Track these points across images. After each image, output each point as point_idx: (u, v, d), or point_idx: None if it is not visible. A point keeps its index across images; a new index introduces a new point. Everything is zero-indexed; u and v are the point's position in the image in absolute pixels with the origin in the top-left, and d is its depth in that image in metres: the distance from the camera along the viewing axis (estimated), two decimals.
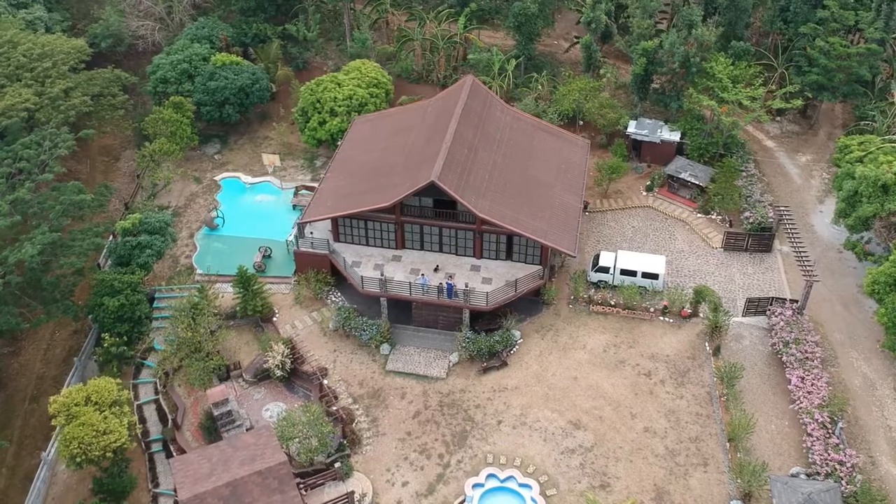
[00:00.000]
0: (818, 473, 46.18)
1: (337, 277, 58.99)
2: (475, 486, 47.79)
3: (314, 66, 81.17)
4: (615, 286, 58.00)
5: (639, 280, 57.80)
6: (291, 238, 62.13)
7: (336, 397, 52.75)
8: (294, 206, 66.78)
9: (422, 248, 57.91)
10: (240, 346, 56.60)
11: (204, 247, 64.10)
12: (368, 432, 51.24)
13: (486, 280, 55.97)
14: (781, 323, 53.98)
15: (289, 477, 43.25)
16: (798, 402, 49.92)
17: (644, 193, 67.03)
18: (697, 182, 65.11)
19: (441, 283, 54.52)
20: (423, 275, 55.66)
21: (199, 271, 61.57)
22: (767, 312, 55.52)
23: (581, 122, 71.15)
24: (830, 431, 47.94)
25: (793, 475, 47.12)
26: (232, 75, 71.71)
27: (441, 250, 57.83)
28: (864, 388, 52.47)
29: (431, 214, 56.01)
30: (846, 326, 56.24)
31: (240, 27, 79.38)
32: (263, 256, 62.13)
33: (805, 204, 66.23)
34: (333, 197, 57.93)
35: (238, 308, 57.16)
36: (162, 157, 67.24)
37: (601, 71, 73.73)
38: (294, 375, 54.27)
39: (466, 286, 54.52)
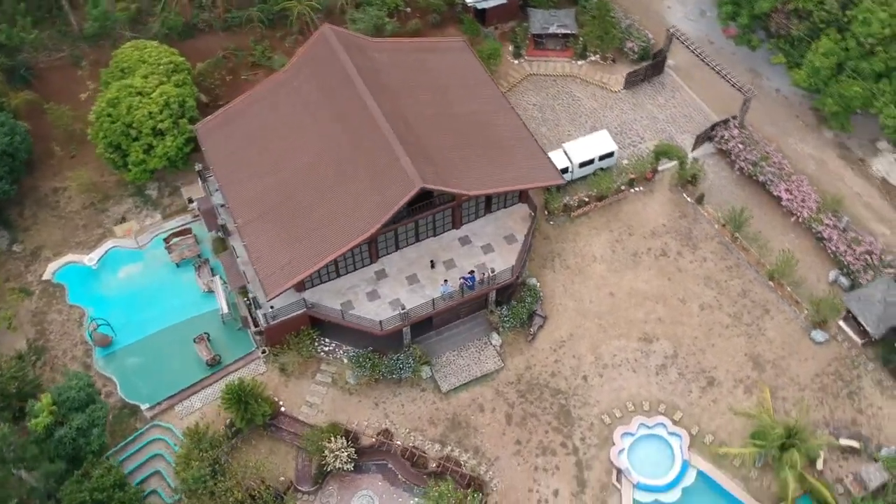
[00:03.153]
0: (855, 272, 50.99)
1: (315, 322, 49.11)
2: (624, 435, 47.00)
3: (52, 71, 60.03)
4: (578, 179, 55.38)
5: (598, 165, 55.33)
6: (226, 311, 49.79)
7: (424, 452, 46.50)
8: (178, 264, 52.52)
9: (398, 249, 49.47)
10: (264, 462, 46.22)
11: (118, 372, 48.91)
12: (482, 466, 46.54)
13: (487, 247, 49.99)
14: (739, 145, 55.68)
15: None
16: (797, 213, 53.44)
17: (515, 61, 61.85)
18: (568, 31, 61.19)
19: (462, 282, 47.74)
20: (445, 281, 48.20)
21: (143, 406, 47.59)
22: (716, 140, 56.79)
23: (408, 10, 61.92)
24: (841, 228, 52.48)
25: (833, 282, 51.77)
26: None
27: (418, 240, 49.87)
28: (819, 169, 57.21)
29: (406, 214, 47.21)
30: (767, 117, 59.48)
31: None
32: (205, 343, 49.36)
33: (650, 5, 65.84)
34: (276, 247, 45.99)
35: (240, 424, 45.99)
36: None
37: None
38: (364, 457, 46.47)
39: (485, 274, 48.40)
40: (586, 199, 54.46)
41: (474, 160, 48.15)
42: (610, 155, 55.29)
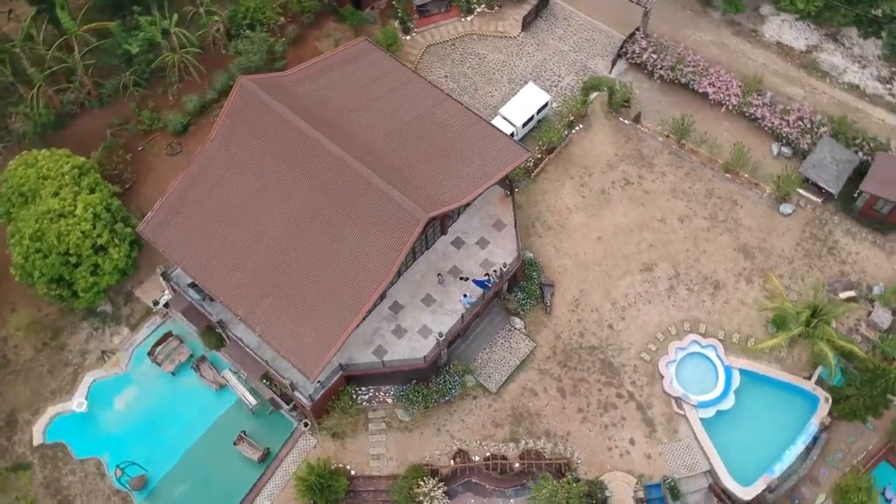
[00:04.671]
0: (794, 140, 54.82)
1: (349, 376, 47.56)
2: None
3: None
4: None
5: (537, 119, 55.37)
6: (254, 401, 47.19)
7: (503, 456, 47.19)
8: (174, 372, 48.69)
9: (399, 276, 48.14)
10: None
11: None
12: (559, 447, 47.89)
13: (481, 241, 49.63)
14: (653, 56, 57.22)
15: None
16: (726, 103, 56.24)
17: (407, 38, 59.59)
18: None
19: (487, 283, 47.41)
20: (465, 295, 47.52)
21: None
22: (627, 56, 58.02)
23: (281, 19, 57.58)
24: (768, 104, 55.86)
25: (777, 154, 55.55)
26: None
27: (415, 258, 48.72)
28: (723, 53, 59.86)
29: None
30: (658, 17, 60.95)
31: None
32: (246, 442, 46.80)
33: None
34: (293, 326, 43.36)
35: None
36: None
37: None
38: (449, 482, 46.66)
39: (496, 271, 48.42)
40: (539, 156, 54.86)
41: (447, 165, 46.99)
42: (545, 106, 55.51)
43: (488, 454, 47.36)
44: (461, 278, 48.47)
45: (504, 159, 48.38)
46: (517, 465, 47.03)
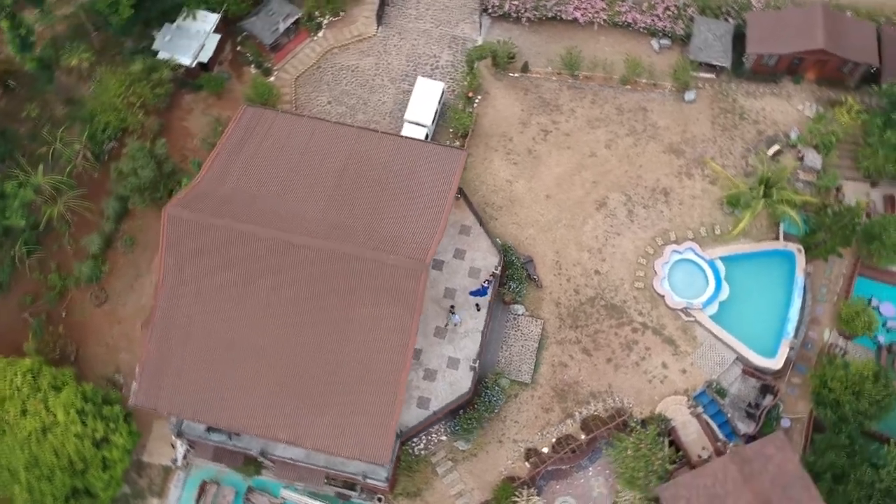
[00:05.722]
0: (670, 29, 56.81)
1: None
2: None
3: None
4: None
5: (440, 109, 54.37)
6: None
7: (569, 435, 48.67)
8: None
9: None
10: None
11: None
12: (609, 401, 49.61)
13: (458, 253, 49.54)
14: (513, 2, 56.86)
15: None
16: (596, 20, 57.09)
17: (272, 79, 56.15)
18: (296, 16, 55.92)
19: (484, 290, 47.47)
20: (452, 307, 47.82)
21: None
22: (489, 10, 57.44)
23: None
24: (634, 6, 57.22)
25: (659, 48, 57.50)
26: None
27: None
28: None
29: None
30: None
31: None
32: None
33: None
34: (339, 430, 41.76)
35: None
36: None
37: None
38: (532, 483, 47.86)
39: (491, 275, 48.87)
40: (458, 142, 54.25)
41: (404, 201, 45.62)
42: (442, 94, 54.50)
43: (553, 440, 48.85)
44: (451, 308, 48.41)
45: (448, 169, 47.62)
46: (583, 437, 48.81)
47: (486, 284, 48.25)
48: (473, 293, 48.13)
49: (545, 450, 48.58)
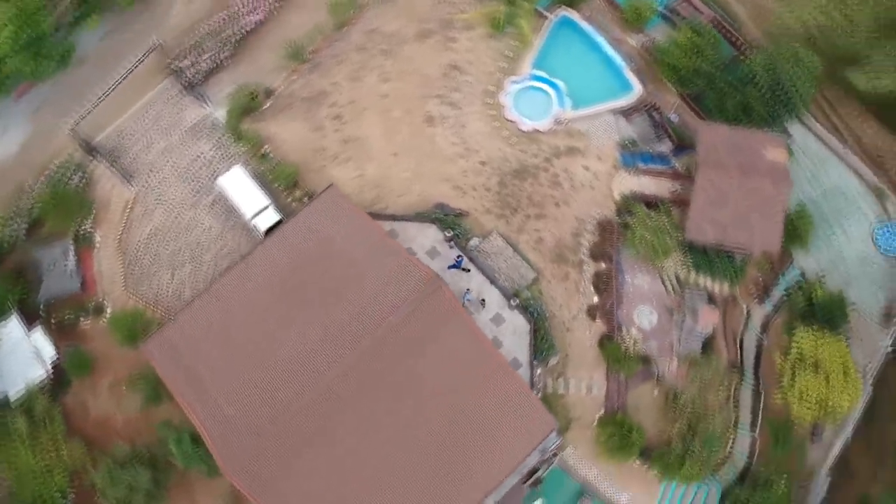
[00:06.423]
0: None
1: None
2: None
3: None
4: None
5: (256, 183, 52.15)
6: None
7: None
8: None
9: None
10: None
11: None
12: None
13: (432, 251, 49.79)
14: (187, 64, 54.20)
15: None
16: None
17: (108, 312, 50.52)
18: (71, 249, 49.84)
19: (460, 262, 48.96)
20: (468, 290, 49.72)
21: None
22: (182, 79, 54.45)
23: None
24: None
25: None
26: None
27: None
28: None
29: None
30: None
31: None
32: None
33: None
34: None
35: None
36: None
37: None
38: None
39: (450, 242, 50.68)
40: (297, 193, 52.82)
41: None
42: (245, 172, 51.85)
43: (592, 288, 53.06)
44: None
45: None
46: (603, 266, 53.23)
47: (459, 259, 49.70)
48: (451, 267, 49.39)
49: (595, 300, 52.91)
